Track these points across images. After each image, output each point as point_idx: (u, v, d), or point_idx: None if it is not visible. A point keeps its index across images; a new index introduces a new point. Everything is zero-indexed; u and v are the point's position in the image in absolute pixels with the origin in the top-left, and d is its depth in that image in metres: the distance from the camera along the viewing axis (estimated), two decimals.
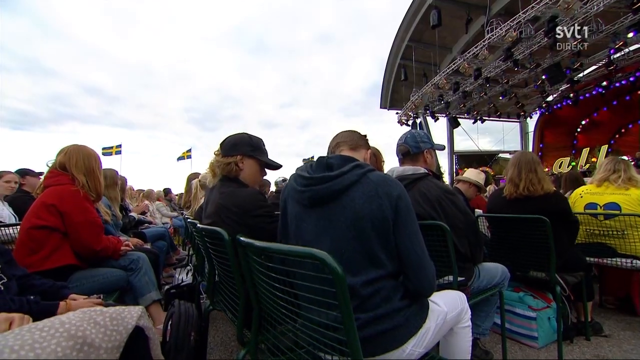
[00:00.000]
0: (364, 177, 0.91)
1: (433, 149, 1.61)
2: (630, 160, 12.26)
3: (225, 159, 1.35)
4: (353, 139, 1.15)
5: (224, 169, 1.34)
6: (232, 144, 1.38)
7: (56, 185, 1.46)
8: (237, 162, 1.34)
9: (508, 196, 1.93)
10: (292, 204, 1.02)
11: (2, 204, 2.88)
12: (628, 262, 2.05)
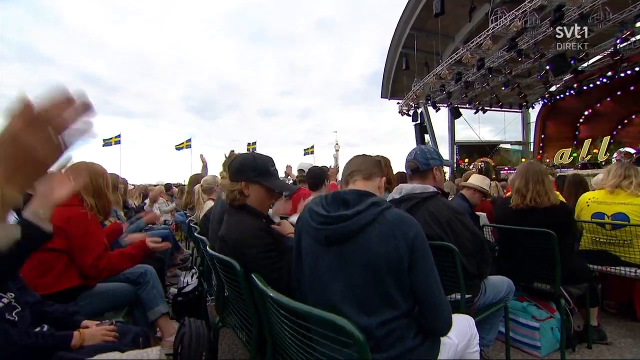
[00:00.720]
0: (380, 216, 0.90)
1: (442, 166, 1.60)
2: (634, 153, 12.21)
3: (229, 185, 1.31)
4: (367, 167, 1.13)
5: (229, 196, 1.30)
6: (237, 168, 1.32)
7: (64, 205, 1.45)
8: (242, 189, 1.28)
9: (514, 206, 1.93)
10: (307, 239, 1.01)
11: None
12: (632, 272, 2.07)
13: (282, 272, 1.15)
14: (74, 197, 1.48)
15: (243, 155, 1.40)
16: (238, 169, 1.32)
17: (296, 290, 1.10)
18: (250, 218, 1.27)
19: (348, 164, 1.18)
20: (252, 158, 1.35)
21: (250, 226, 1.23)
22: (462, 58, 12.93)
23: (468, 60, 12.66)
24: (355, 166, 1.15)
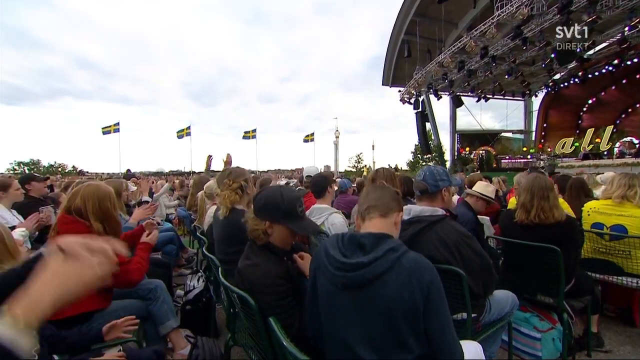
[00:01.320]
0: (397, 263, 0.91)
1: (451, 186, 1.59)
2: (638, 143, 12.10)
3: (253, 222, 1.27)
4: (384, 202, 1.11)
5: (252, 233, 1.27)
6: (263, 206, 1.27)
7: (69, 232, 1.46)
8: (266, 229, 1.25)
9: (519, 221, 1.93)
10: (323, 281, 1.02)
11: (11, 212, 2.89)
12: (633, 282, 2.11)
13: (295, 318, 1.15)
14: (81, 224, 1.49)
15: (270, 192, 1.32)
16: (264, 208, 1.27)
17: (309, 326, 1.11)
18: (272, 261, 1.25)
19: (365, 197, 1.16)
20: (280, 197, 1.27)
21: (269, 272, 1.20)
22: (465, 46, 12.67)
23: (472, 48, 12.41)
24: (372, 201, 1.13)
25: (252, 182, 1.97)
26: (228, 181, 1.80)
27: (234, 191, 1.78)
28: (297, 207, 1.29)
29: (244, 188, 1.81)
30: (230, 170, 1.87)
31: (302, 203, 1.34)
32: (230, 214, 1.74)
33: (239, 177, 1.82)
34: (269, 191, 1.33)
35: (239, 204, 1.80)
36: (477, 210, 2.51)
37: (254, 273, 1.19)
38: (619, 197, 2.20)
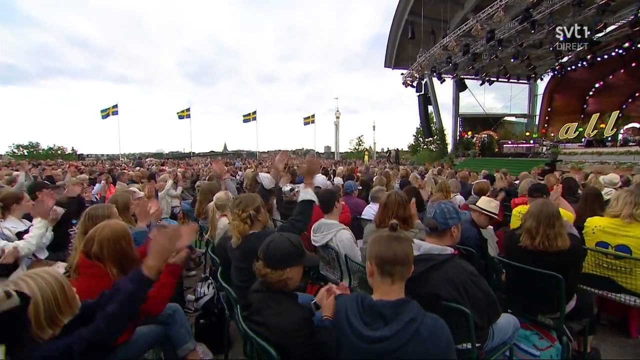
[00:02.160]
0: (416, 334, 0.96)
1: (460, 222, 1.62)
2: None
3: (272, 274, 1.30)
4: (405, 260, 1.15)
5: (273, 285, 1.31)
6: (280, 259, 1.30)
7: (91, 276, 1.51)
8: (288, 276, 1.30)
9: (523, 246, 1.97)
10: (346, 344, 1.07)
11: (22, 221, 2.93)
12: (632, 300, 2.19)
13: None
14: (99, 268, 1.53)
15: (278, 242, 1.36)
16: (282, 259, 1.31)
17: None
18: (293, 305, 1.31)
19: (385, 249, 1.16)
20: (290, 243, 1.34)
21: (297, 316, 1.25)
22: (471, 30, 12.26)
23: (478, 32, 12.02)
24: (391, 257, 1.14)
25: (264, 208, 1.99)
26: (238, 211, 1.82)
27: (243, 221, 1.80)
28: (302, 245, 1.40)
29: (253, 217, 1.84)
30: (241, 199, 1.88)
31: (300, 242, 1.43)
32: (243, 242, 1.78)
33: (248, 207, 1.83)
34: (276, 242, 1.36)
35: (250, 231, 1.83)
36: (480, 225, 2.55)
37: (283, 321, 1.23)
38: (627, 216, 2.22)
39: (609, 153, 12.08)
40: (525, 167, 12.73)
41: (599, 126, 15.91)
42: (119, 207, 2.67)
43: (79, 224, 2.03)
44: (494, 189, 4.62)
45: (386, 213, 2.13)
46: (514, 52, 14.27)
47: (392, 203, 2.12)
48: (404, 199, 2.13)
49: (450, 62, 15.50)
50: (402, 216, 2.08)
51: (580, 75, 17.37)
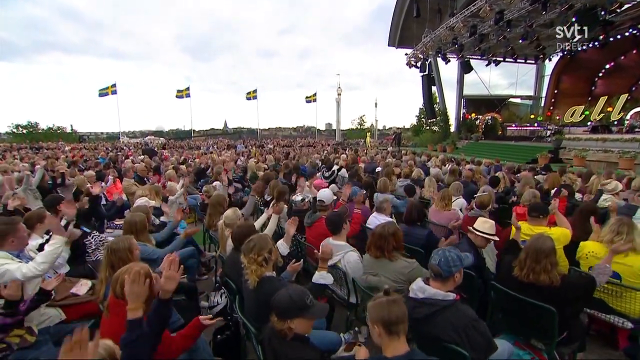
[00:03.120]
0: None
1: (463, 267, 1.73)
2: None
3: (277, 323, 1.52)
4: (404, 318, 1.34)
5: (279, 333, 1.52)
6: (281, 311, 1.51)
7: (121, 316, 1.64)
8: (289, 326, 1.49)
9: (517, 276, 2.09)
10: None
11: (42, 238, 3.06)
12: (620, 321, 2.34)
13: None
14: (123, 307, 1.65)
15: (281, 297, 1.56)
16: (283, 312, 1.51)
17: None
18: (308, 351, 1.50)
19: (385, 315, 1.34)
20: (289, 298, 1.53)
21: None
22: (479, 11, 11.76)
23: (486, 14, 11.55)
24: (394, 319, 1.34)
25: (276, 249, 2.09)
26: (253, 255, 1.92)
27: (259, 264, 1.92)
28: (305, 300, 1.54)
29: (267, 259, 1.95)
30: (254, 243, 1.97)
31: (309, 295, 1.58)
32: (259, 285, 1.91)
33: (262, 250, 1.94)
34: (279, 296, 1.55)
35: (266, 273, 1.96)
36: (479, 246, 2.66)
37: None
38: (607, 242, 2.32)
39: (614, 140, 11.98)
40: (529, 153, 12.71)
41: (606, 109, 15.65)
42: (138, 228, 2.80)
43: (104, 257, 2.14)
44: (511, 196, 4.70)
45: (380, 245, 2.25)
46: (523, 32, 13.76)
47: (386, 235, 2.24)
48: (395, 230, 2.24)
49: (456, 43, 15.00)
50: (395, 247, 2.22)
51: (590, 55, 16.78)
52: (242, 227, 2.48)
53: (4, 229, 2.31)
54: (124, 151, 17.34)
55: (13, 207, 3.20)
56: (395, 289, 2.16)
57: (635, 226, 2.32)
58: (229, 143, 26.10)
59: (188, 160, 12.75)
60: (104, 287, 2.09)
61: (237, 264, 2.39)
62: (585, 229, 3.09)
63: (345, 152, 18.14)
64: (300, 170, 7.88)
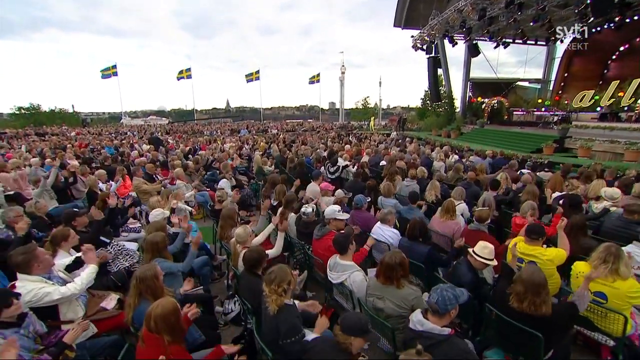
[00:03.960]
0: None
1: (458, 304, 1.89)
2: None
3: (342, 337, 1.79)
4: None
5: (340, 345, 1.80)
6: (349, 326, 1.80)
7: (153, 346, 1.85)
8: (351, 342, 1.77)
9: (512, 306, 2.25)
10: None
11: (69, 254, 3.26)
12: (603, 339, 2.53)
13: None
14: (157, 340, 1.86)
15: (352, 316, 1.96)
16: (349, 328, 1.80)
17: None
18: None
19: None
20: (358, 320, 1.86)
21: None
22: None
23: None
24: None
25: (294, 278, 2.27)
26: (274, 287, 2.10)
27: (279, 295, 2.10)
28: (368, 325, 1.85)
29: (287, 289, 2.14)
30: (275, 275, 2.14)
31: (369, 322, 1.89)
32: (279, 313, 2.10)
33: (283, 282, 2.12)
34: (352, 315, 2.03)
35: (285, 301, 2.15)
36: (477, 268, 2.81)
37: None
38: (594, 267, 2.47)
39: (622, 129, 11.82)
40: (534, 142, 12.61)
41: (617, 94, 15.25)
42: (160, 247, 2.99)
43: (132, 286, 2.34)
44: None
45: (388, 275, 2.41)
46: (534, 14, 13.23)
47: (394, 265, 2.39)
48: (401, 259, 2.39)
49: (464, 27, 14.49)
50: (402, 275, 2.38)
51: (605, 37, 16.15)
52: (253, 252, 2.65)
53: (25, 258, 2.50)
54: (128, 138, 17.40)
55: (22, 230, 3.38)
56: (399, 313, 2.37)
57: (621, 256, 2.45)
58: (232, 127, 26.00)
59: (193, 150, 12.88)
60: (132, 312, 2.31)
61: (251, 287, 2.60)
62: (578, 243, 3.24)
63: (349, 137, 18.13)
64: (305, 163, 7.98)
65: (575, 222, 3.32)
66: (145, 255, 2.95)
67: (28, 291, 2.41)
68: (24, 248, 2.56)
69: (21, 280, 2.48)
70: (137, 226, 4.92)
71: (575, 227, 3.29)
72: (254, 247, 2.74)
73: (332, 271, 2.89)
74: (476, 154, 10.25)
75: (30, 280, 2.48)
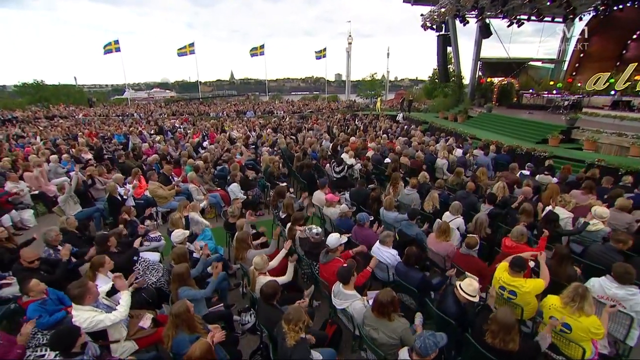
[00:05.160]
0: None
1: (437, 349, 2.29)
2: None
3: None
4: None
5: None
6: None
7: None
8: None
9: (485, 339, 2.65)
10: None
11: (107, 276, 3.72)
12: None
13: None
14: None
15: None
16: None
17: None
18: None
19: None
20: None
21: None
22: None
23: None
24: None
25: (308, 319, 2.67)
26: (292, 325, 2.53)
27: (296, 332, 2.54)
28: None
29: (302, 326, 2.57)
30: (293, 316, 2.55)
31: None
32: (295, 346, 2.53)
33: (299, 321, 2.54)
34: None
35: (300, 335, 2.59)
36: (461, 300, 3.17)
37: None
38: (564, 303, 2.85)
39: (632, 119, 11.67)
40: (541, 131, 12.51)
41: (633, 78, 14.74)
42: (184, 277, 3.43)
43: (169, 320, 2.81)
44: None
45: (382, 310, 2.82)
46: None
47: (386, 303, 2.79)
48: (392, 297, 2.78)
49: (476, 7, 13.85)
50: (393, 310, 2.80)
51: (627, 14, 15.28)
52: (269, 288, 3.08)
53: (80, 291, 2.96)
54: (134, 124, 17.63)
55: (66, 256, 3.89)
56: (390, 343, 2.81)
57: (587, 296, 2.80)
58: (237, 109, 25.92)
59: (202, 138, 13.17)
60: (170, 341, 2.78)
61: (268, 317, 3.05)
62: (559, 272, 3.60)
63: (355, 121, 18.07)
64: (311, 165, 8.24)
65: (561, 252, 3.65)
66: (173, 285, 3.40)
67: (84, 319, 2.91)
68: (79, 282, 3.03)
69: (76, 310, 2.96)
70: (157, 235, 5.38)
71: (560, 257, 3.63)
72: (270, 283, 3.15)
73: (336, 298, 3.32)
74: (480, 148, 10.35)
75: (84, 310, 2.97)
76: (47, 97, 42.78)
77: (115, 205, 6.34)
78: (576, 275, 3.57)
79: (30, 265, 3.78)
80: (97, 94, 63.07)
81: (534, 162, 10.41)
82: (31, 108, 29.92)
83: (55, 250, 4.31)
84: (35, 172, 7.91)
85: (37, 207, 7.73)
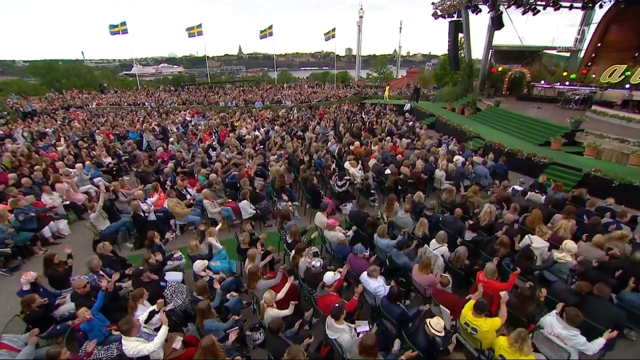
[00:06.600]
0: None
1: None
2: None
3: None
4: None
5: None
6: None
7: None
8: None
9: None
10: None
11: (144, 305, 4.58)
12: None
13: None
14: None
15: None
16: None
17: None
18: None
19: None
20: None
21: None
22: None
23: None
24: None
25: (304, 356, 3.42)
26: None
27: None
28: None
29: None
30: (291, 356, 3.29)
31: None
32: None
33: (297, 355, 3.28)
34: None
35: None
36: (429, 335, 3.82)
37: None
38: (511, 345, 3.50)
39: (638, 121, 11.65)
40: (545, 132, 12.55)
41: None
42: (206, 311, 4.21)
43: (199, 352, 3.60)
44: None
45: (367, 351, 3.52)
46: None
47: (371, 346, 3.48)
48: (373, 344, 3.46)
49: None
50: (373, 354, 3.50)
51: None
52: (274, 324, 3.81)
53: (128, 327, 3.76)
54: (147, 121, 18.16)
55: (112, 287, 4.71)
56: None
57: (526, 340, 3.37)
58: (246, 97, 26.13)
59: (215, 137, 13.76)
60: None
61: (274, 347, 3.82)
62: (521, 310, 4.23)
63: (361, 116, 18.19)
64: (314, 184, 8.66)
65: (524, 294, 4.27)
66: (198, 317, 4.20)
67: (131, 348, 3.76)
68: (126, 319, 3.82)
69: (125, 340, 3.79)
70: (178, 254, 6.20)
71: (523, 297, 4.26)
72: (275, 320, 3.88)
73: (329, 329, 4.07)
74: (480, 155, 10.65)
75: (130, 341, 3.81)
76: (59, 78, 44.02)
77: (140, 222, 7.17)
78: (534, 313, 4.20)
79: (84, 290, 4.64)
80: (106, 72, 63.50)
81: (533, 168, 10.72)
82: (46, 96, 30.85)
83: (99, 276, 5.17)
84: (65, 185, 8.76)
85: (69, 216, 8.64)
